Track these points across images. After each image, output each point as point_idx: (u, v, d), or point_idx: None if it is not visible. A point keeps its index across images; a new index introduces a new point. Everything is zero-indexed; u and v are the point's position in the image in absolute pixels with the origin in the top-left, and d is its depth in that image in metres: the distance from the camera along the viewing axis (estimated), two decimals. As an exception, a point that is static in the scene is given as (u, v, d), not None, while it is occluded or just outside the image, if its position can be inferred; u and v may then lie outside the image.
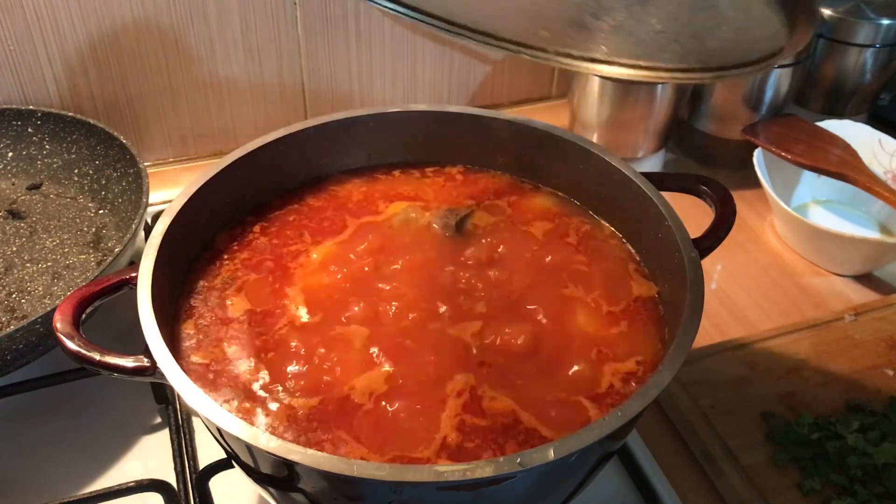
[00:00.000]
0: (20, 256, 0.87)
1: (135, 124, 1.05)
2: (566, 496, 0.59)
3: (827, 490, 0.70)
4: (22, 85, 0.97)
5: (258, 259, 0.70)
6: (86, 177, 0.95)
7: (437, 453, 0.55)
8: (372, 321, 0.64)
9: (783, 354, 0.82)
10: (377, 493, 0.51)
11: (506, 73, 1.18)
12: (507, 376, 0.60)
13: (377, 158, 0.80)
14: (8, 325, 0.79)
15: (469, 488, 0.49)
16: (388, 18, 1.06)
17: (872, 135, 1.01)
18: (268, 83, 1.06)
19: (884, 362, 0.82)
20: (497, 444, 0.56)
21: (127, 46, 0.98)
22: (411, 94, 1.15)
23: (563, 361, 0.61)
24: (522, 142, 0.77)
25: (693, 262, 0.61)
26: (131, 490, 0.68)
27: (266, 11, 1.01)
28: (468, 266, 0.69)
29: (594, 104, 1.03)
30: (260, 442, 0.49)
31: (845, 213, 1.02)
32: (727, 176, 0.96)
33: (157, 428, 0.76)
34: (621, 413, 0.50)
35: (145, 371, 0.55)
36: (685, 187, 0.70)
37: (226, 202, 0.72)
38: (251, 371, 0.60)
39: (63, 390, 0.78)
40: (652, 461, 0.73)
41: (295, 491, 0.54)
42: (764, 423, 0.75)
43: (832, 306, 0.91)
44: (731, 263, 0.97)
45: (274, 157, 0.74)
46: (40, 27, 0.94)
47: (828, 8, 1.06)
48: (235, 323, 0.64)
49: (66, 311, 0.57)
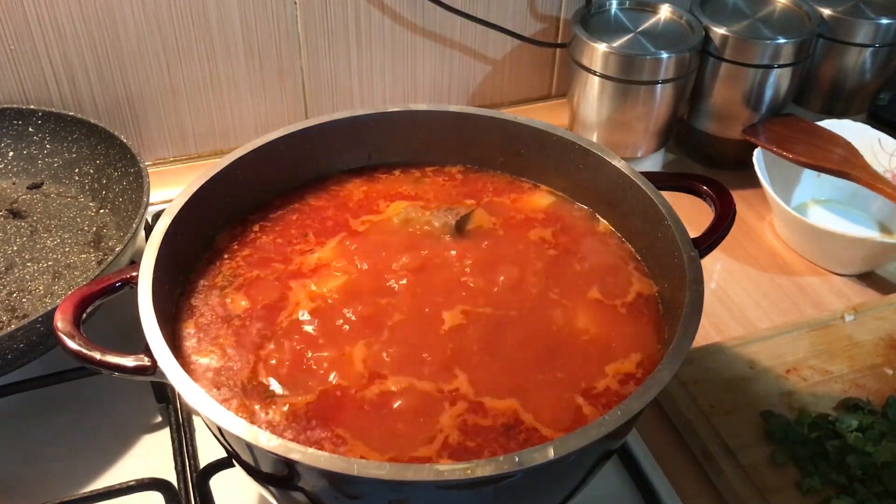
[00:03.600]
0: (21, 256, 0.87)
1: (135, 124, 1.05)
2: (566, 495, 0.59)
3: (826, 489, 0.70)
4: (22, 84, 0.97)
5: (259, 257, 0.70)
6: (86, 176, 0.95)
7: (438, 453, 0.55)
8: (372, 320, 0.64)
9: (783, 353, 0.82)
10: (377, 492, 0.51)
11: (506, 73, 1.18)
12: (508, 375, 0.60)
13: (377, 158, 0.80)
14: (9, 325, 0.79)
15: (469, 487, 0.49)
16: (388, 18, 1.06)
17: (872, 134, 1.01)
18: (268, 83, 1.06)
19: (883, 361, 0.82)
20: (498, 443, 0.56)
21: (127, 46, 0.98)
22: (411, 94, 1.15)
23: (562, 360, 0.62)
24: (522, 141, 0.77)
25: (693, 262, 0.61)
26: (132, 489, 0.68)
27: (266, 11, 1.01)
28: (468, 265, 0.69)
29: (594, 104, 1.03)
30: (260, 441, 0.49)
31: (845, 213, 1.02)
32: (727, 176, 0.96)
33: (157, 427, 0.77)
34: (621, 412, 0.51)
35: (146, 370, 0.55)
36: (685, 187, 0.70)
37: (226, 201, 0.72)
38: (251, 369, 0.60)
39: (63, 389, 0.78)
40: (651, 460, 0.73)
41: (295, 490, 0.54)
42: (763, 422, 0.75)
43: (831, 306, 0.91)
44: (730, 263, 0.97)
45: (274, 157, 0.74)
46: (41, 27, 0.94)
47: (827, 8, 1.06)
48: (236, 321, 0.64)
49: (67, 311, 0.57)
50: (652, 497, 0.70)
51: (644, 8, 1.07)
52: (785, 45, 0.99)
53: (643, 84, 1.00)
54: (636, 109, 1.02)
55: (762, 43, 0.99)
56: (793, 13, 1.06)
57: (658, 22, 1.05)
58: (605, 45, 0.99)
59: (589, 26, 1.03)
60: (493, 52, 1.15)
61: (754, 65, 1.01)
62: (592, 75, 1.01)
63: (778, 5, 1.08)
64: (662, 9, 1.06)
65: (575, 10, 1.08)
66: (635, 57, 0.98)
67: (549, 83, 1.23)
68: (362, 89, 1.12)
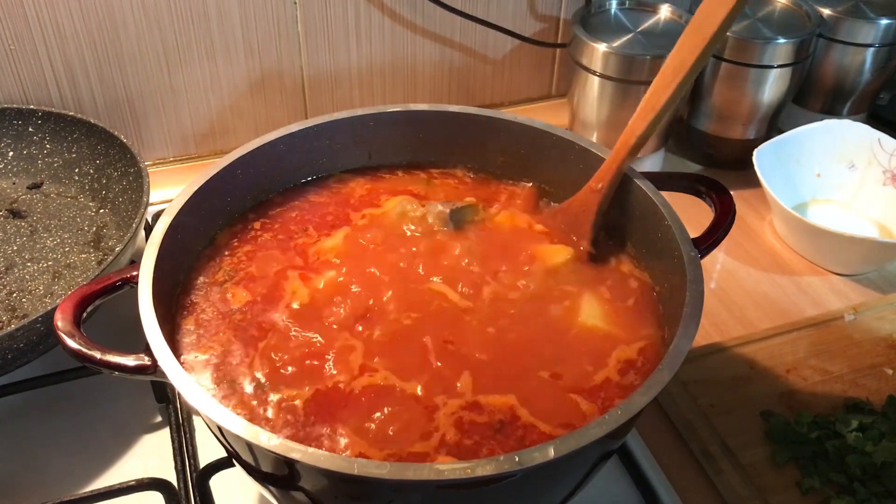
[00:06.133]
0: (21, 255, 0.87)
1: (135, 123, 1.05)
2: (566, 494, 0.59)
3: (826, 489, 0.70)
4: (22, 84, 0.97)
5: (258, 255, 0.70)
6: (86, 176, 0.95)
7: (436, 449, 0.55)
8: (370, 315, 0.64)
9: (782, 353, 0.82)
10: (378, 492, 0.51)
11: (506, 73, 1.18)
12: (504, 372, 0.60)
13: (378, 158, 0.80)
14: (9, 324, 0.79)
15: (469, 487, 0.49)
16: (388, 18, 1.06)
17: (872, 134, 1.01)
18: (268, 83, 1.06)
19: (883, 361, 0.82)
20: (495, 440, 0.56)
21: (127, 46, 0.98)
22: (411, 94, 1.15)
23: (560, 358, 0.62)
24: (522, 141, 0.77)
25: (693, 262, 0.61)
26: (132, 489, 0.68)
27: (266, 11, 1.01)
28: (461, 259, 0.69)
29: (594, 104, 1.03)
30: (261, 440, 0.49)
31: (845, 213, 1.02)
32: (727, 176, 0.96)
33: (157, 427, 0.77)
34: (621, 412, 0.51)
35: (146, 370, 0.55)
36: (685, 187, 0.70)
37: (226, 201, 0.72)
38: (251, 365, 0.60)
39: (64, 389, 0.78)
40: (651, 460, 0.73)
41: (296, 489, 0.54)
42: (763, 421, 0.75)
43: (831, 305, 0.91)
44: (730, 263, 0.97)
45: (274, 157, 0.74)
46: (41, 27, 0.94)
47: (827, 8, 1.06)
48: (236, 315, 0.64)
49: (67, 310, 0.57)
50: (652, 497, 0.70)
51: (644, 8, 1.07)
52: (785, 44, 1.00)
53: (643, 84, 1.00)
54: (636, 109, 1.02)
55: (762, 43, 0.99)
56: (793, 13, 1.06)
57: (658, 22, 1.05)
58: (605, 45, 0.99)
59: (589, 26, 1.03)
60: (493, 52, 1.15)
61: (754, 65, 1.01)
62: (592, 75, 1.01)
63: (778, 5, 1.08)
64: (662, 9, 1.06)
65: (575, 10, 1.08)
66: (635, 57, 0.98)
67: (549, 83, 1.23)
68: (362, 89, 1.12)
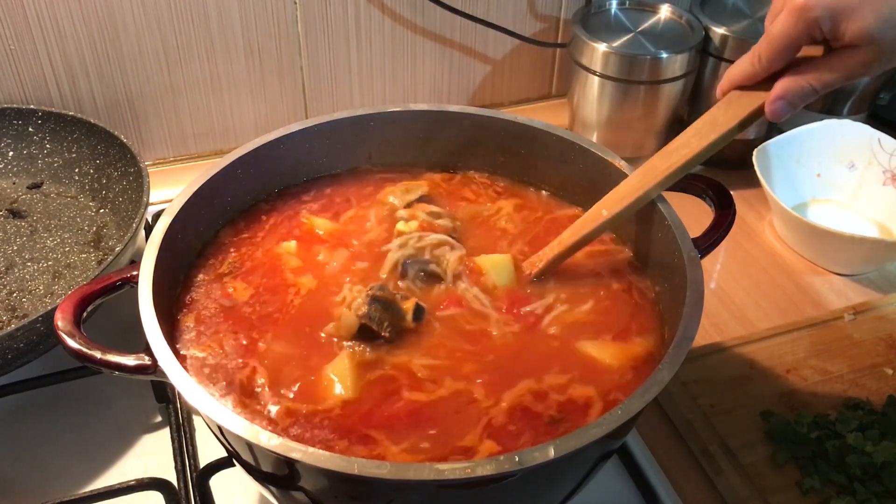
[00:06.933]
0: (21, 255, 0.87)
1: (135, 123, 1.05)
2: (566, 494, 0.59)
3: (826, 488, 0.70)
4: (23, 84, 0.97)
5: (258, 253, 0.70)
6: (86, 176, 0.95)
7: (434, 448, 0.55)
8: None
9: (782, 353, 0.82)
10: (378, 492, 0.51)
11: (506, 73, 1.18)
12: (504, 370, 0.61)
13: (377, 158, 0.80)
14: (9, 324, 0.79)
15: (469, 486, 0.49)
16: (388, 18, 1.06)
17: (872, 134, 1.01)
18: (268, 83, 1.06)
19: (883, 361, 0.82)
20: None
21: (127, 46, 0.98)
22: (411, 94, 1.15)
23: (559, 357, 0.62)
24: (522, 141, 0.77)
25: (693, 262, 0.61)
26: (132, 489, 0.68)
27: (266, 11, 1.01)
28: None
29: (594, 104, 1.03)
30: (261, 440, 0.49)
31: (844, 213, 1.02)
32: (727, 176, 0.96)
33: (157, 426, 0.77)
34: (621, 412, 0.51)
35: (146, 369, 0.55)
36: (685, 187, 0.70)
37: (226, 201, 0.72)
38: (251, 364, 0.60)
39: (64, 389, 0.78)
40: (651, 460, 0.73)
41: (296, 489, 0.54)
42: (763, 421, 0.75)
43: (831, 305, 0.91)
44: (730, 263, 0.97)
45: (274, 157, 0.74)
46: (41, 27, 0.94)
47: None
48: (236, 312, 0.65)
49: (67, 310, 0.57)
50: (651, 496, 0.70)
51: (644, 8, 1.07)
52: (785, 45, 0.99)
53: (643, 84, 1.00)
54: (636, 109, 1.02)
55: (762, 43, 0.99)
56: (793, 13, 1.06)
57: (658, 22, 1.05)
58: (605, 45, 0.99)
59: (589, 26, 1.03)
60: (493, 52, 1.15)
61: (754, 65, 1.01)
62: (592, 75, 1.01)
63: (778, 5, 1.08)
64: (662, 9, 1.06)
65: (575, 10, 1.08)
66: (635, 57, 0.98)
67: (549, 83, 1.23)
68: (362, 89, 1.12)
